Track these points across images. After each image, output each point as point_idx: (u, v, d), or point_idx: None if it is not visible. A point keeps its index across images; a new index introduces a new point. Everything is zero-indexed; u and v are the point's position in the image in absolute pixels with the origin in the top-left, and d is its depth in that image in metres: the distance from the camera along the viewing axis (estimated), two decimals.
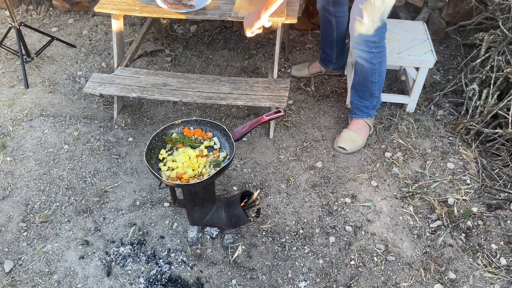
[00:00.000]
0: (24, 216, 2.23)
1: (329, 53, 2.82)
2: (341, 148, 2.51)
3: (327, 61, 2.88)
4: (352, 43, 2.28)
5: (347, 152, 2.50)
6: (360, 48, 2.25)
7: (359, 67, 2.36)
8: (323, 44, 2.82)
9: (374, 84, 2.38)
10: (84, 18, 3.55)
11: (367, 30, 2.17)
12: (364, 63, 2.30)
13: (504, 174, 2.37)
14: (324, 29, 2.72)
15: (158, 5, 2.41)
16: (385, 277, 2.01)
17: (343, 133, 2.54)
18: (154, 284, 1.97)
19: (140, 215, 2.24)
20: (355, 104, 2.51)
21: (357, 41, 2.23)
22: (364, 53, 2.26)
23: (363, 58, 2.29)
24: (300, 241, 2.14)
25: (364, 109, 2.50)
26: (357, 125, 2.53)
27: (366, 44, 2.22)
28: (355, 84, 2.46)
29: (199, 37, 3.36)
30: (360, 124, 2.53)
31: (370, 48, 2.23)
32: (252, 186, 2.37)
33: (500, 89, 2.53)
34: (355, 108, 2.53)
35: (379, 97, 2.49)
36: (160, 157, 1.87)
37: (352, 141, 2.50)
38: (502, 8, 2.75)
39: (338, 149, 2.52)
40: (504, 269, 2.03)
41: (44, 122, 2.71)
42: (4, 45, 3.11)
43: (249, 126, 1.91)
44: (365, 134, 2.54)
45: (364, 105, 2.49)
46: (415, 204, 2.28)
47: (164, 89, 2.46)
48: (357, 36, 2.21)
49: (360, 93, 2.47)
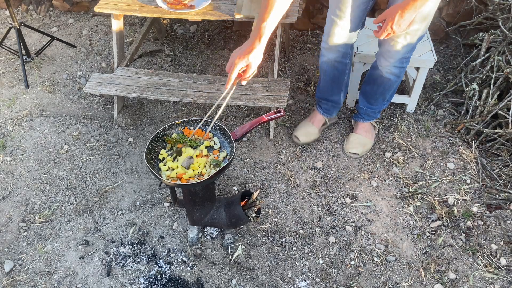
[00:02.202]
0: (24, 216, 2.23)
1: (336, 100, 2.45)
2: (352, 154, 2.46)
3: (333, 109, 2.52)
4: (384, 61, 2.14)
5: (359, 157, 2.47)
6: (394, 65, 2.13)
7: (382, 80, 2.24)
8: (328, 94, 2.44)
9: (392, 92, 2.33)
10: (84, 18, 3.55)
11: (408, 50, 2.06)
12: (392, 77, 2.20)
13: (504, 174, 2.37)
14: (332, 79, 2.35)
15: (158, 5, 2.41)
16: (385, 277, 2.01)
17: (352, 138, 2.49)
18: (154, 284, 1.97)
19: (140, 215, 2.24)
20: (364, 109, 2.45)
21: (394, 58, 2.09)
22: (396, 69, 2.16)
23: (393, 73, 2.18)
24: (300, 241, 2.14)
25: (372, 113, 2.46)
26: (364, 128, 2.50)
27: (401, 61, 2.11)
28: (369, 92, 2.37)
29: (199, 37, 3.36)
30: (367, 127, 2.50)
31: (402, 63, 2.14)
32: (252, 186, 2.37)
33: (500, 89, 2.53)
34: (363, 113, 2.47)
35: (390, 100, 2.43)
36: (160, 157, 1.87)
37: (362, 145, 2.46)
38: (502, 8, 2.75)
39: (349, 154, 2.47)
40: (504, 269, 2.03)
41: (44, 122, 2.71)
42: (4, 45, 3.11)
43: (249, 126, 1.91)
44: (372, 136, 2.51)
45: (373, 110, 2.44)
46: (415, 204, 2.28)
47: (164, 89, 2.46)
48: (395, 54, 2.07)
49: (372, 100, 2.39)
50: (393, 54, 2.08)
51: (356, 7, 1.99)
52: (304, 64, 3.11)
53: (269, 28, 1.61)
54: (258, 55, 1.64)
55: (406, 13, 1.71)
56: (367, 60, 2.51)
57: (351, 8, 1.99)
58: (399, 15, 1.72)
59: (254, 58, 1.63)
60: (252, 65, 1.64)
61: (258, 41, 1.61)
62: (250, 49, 1.62)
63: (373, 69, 2.29)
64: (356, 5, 1.98)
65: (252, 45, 1.62)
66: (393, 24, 1.74)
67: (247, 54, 1.61)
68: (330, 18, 2.09)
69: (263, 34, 1.61)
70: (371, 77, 2.32)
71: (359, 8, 2.00)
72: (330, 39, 2.15)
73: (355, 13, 2.01)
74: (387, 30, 1.78)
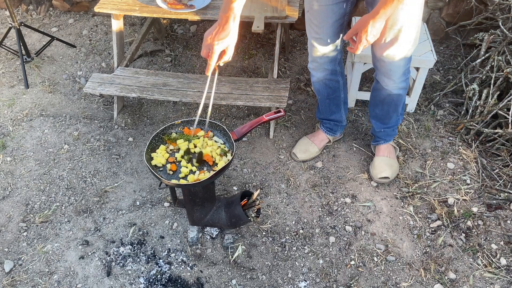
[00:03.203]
0: (24, 216, 2.23)
1: (338, 118, 2.43)
2: (383, 179, 2.34)
3: (337, 127, 2.48)
4: (389, 80, 2.08)
5: (390, 181, 2.35)
6: (400, 80, 2.07)
7: (391, 98, 2.16)
8: (327, 113, 2.42)
9: (403, 104, 2.25)
10: (84, 18, 3.55)
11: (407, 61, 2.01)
12: (402, 91, 2.13)
13: (504, 174, 2.37)
14: (328, 98, 2.33)
15: (158, 5, 2.41)
16: (385, 277, 2.01)
17: (377, 162, 2.38)
18: (154, 284, 1.97)
19: (140, 215, 2.24)
20: (382, 132, 2.35)
21: (398, 73, 2.04)
22: (403, 82, 2.09)
23: (401, 87, 2.11)
24: (300, 241, 2.14)
25: (391, 131, 2.36)
26: (387, 149, 2.40)
27: (404, 73, 2.06)
28: (380, 114, 2.29)
29: (199, 37, 3.36)
30: (390, 148, 2.41)
31: (406, 75, 2.08)
32: (252, 186, 2.37)
33: (500, 89, 2.53)
34: (382, 135, 2.37)
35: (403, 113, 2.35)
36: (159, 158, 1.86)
37: (389, 166, 2.35)
38: (502, 8, 2.75)
39: (380, 180, 2.34)
40: (504, 269, 2.03)
41: (44, 122, 2.71)
42: (4, 45, 3.11)
43: (249, 126, 1.91)
44: (395, 155, 2.42)
45: (390, 128, 2.34)
46: (415, 204, 2.28)
47: (164, 89, 2.46)
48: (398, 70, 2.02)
49: (386, 120, 2.30)
50: (395, 70, 2.02)
51: (331, 24, 1.98)
52: (304, 64, 3.11)
53: (239, 6, 1.58)
54: (234, 36, 1.61)
55: (377, 21, 1.69)
56: (367, 60, 2.51)
57: (327, 25, 1.99)
58: (371, 26, 1.69)
59: (231, 39, 1.61)
60: (230, 47, 1.63)
61: (232, 21, 1.58)
62: (226, 32, 1.59)
63: (377, 91, 2.20)
64: (332, 22, 1.98)
65: (226, 26, 1.58)
66: (367, 35, 1.72)
67: (224, 37, 1.59)
68: (310, 39, 2.09)
69: (235, 13, 1.58)
70: (377, 99, 2.24)
71: (335, 25, 1.99)
72: (315, 59, 2.15)
73: (332, 29, 2.00)
74: (362, 43, 1.75)
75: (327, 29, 1.99)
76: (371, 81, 2.96)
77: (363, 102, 2.81)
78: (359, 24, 1.74)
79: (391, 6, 1.63)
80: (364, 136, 2.63)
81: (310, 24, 2.04)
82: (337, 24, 1.99)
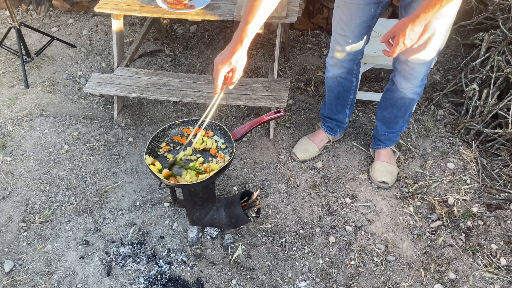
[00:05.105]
0: (24, 216, 2.23)
1: (341, 118, 2.42)
2: (382, 183, 2.34)
3: (337, 128, 2.48)
4: (407, 83, 2.05)
5: (389, 186, 2.35)
6: (418, 85, 2.06)
7: (403, 101, 2.15)
8: (332, 112, 2.40)
9: (411, 110, 2.24)
10: (84, 18, 3.55)
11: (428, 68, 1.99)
12: (416, 96, 2.12)
13: (504, 174, 2.37)
14: (338, 97, 2.31)
15: (158, 5, 2.41)
16: (385, 277, 2.01)
17: (378, 166, 2.37)
18: (154, 284, 1.97)
19: (140, 215, 2.24)
20: (385, 135, 2.35)
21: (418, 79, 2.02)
22: (419, 88, 2.08)
23: (417, 93, 2.10)
24: (300, 241, 2.14)
25: (394, 137, 2.36)
26: (387, 154, 2.40)
27: (422, 79, 2.04)
28: (388, 117, 2.27)
29: (199, 37, 3.36)
30: (390, 153, 2.41)
31: (424, 81, 2.07)
32: (252, 186, 2.37)
33: (500, 89, 2.53)
34: (384, 139, 2.37)
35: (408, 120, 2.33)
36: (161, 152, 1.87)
37: (389, 173, 2.35)
38: (502, 8, 2.75)
39: (379, 184, 2.34)
40: (504, 269, 2.03)
41: (44, 122, 2.71)
42: (4, 45, 3.11)
43: (249, 126, 1.91)
44: (394, 160, 2.42)
45: (394, 133, 2.34)
46: (415, 204, 2.28)
47: (164, 89, 2.46)
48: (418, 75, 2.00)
49: (392, 124, 2.29)
50: (416, 75, 2.00)
51: (359, 24, 1.97)
52: (304, 64, 3.12)
53: (252, 30, 1.56)
54: (241, 58, 1.58)
55: (416, 25, 1.63)
56: (367, 60, 2.51)
57: (354, 24, 1.97)
58: (410, 29, 1.64)
59: (237, 61, 1.58)
60: (237, 69, 1.61)
61: (240, 44, 1.56)
62: (232, 53, 1.56)
63: (390, 92, 2.18)
64: (359, 22, 1.96)
65: (234, 48, 1.56)
66: (405, 39, 1.66)
67: (229, 58, 1.56)
68: (335, 34, 2.07)
69: (246, 36, 1.55)
70: (388, 101, 2.22)
71: (362, 25, 1.98)
72: (335, 54, 2.12)
73: (359, 29, 1.99)
74: (399, 46, 1.69)
75: (354, 28, 1.98)
76: (371, 81, 2.96)
77: (363, 102, 2.81)
78: (397, 26, 1.68)
79: (433, 11, 1.58)
80: (364, 136, 2.63)
81: (338, 20, 2.01)
82: (364, 24, 1.98)
